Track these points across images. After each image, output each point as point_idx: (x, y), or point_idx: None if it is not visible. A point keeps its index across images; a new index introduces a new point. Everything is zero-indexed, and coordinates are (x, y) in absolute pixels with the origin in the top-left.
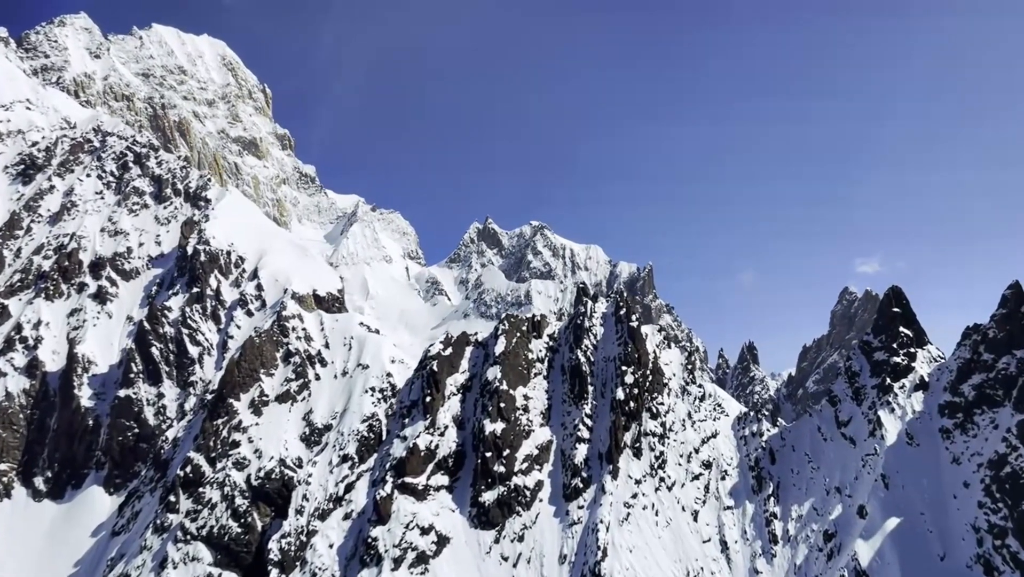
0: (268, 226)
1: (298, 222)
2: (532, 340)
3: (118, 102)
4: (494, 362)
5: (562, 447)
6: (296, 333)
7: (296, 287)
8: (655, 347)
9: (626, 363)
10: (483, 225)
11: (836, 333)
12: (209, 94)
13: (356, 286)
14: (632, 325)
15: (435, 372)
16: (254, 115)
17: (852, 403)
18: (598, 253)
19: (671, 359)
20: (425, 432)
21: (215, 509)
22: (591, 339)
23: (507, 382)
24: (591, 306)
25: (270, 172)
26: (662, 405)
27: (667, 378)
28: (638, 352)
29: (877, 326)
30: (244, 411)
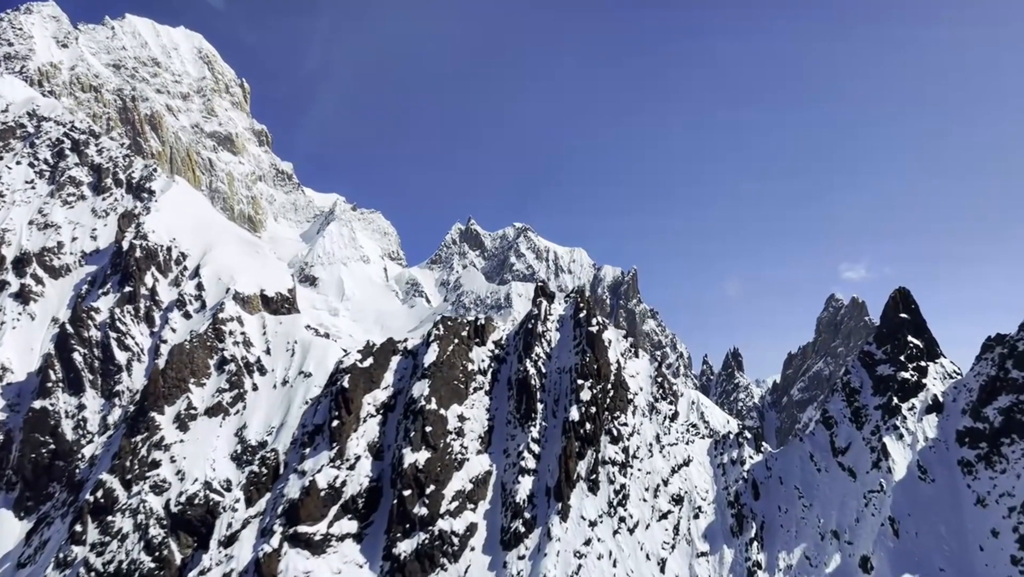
0: (217, 220)
1: (274, 220)
2: (473, 348)
3: (85, 93)
4: (422, 375)
5: (503, 480)
6: (233, 337)
7: (240, 286)
8: (619, 356)
9: (583, 375)
10: (465, 226)
11: (822, 340)
12: (184, 87)
13: (332, 287)
14: (591, 330)
15: (346, 389)
16: (231, 110)
17: (851, 426)
18: (582, 256)
19: (638, 369)
20: (329, 465)
21: (125, 541)
22: (544, 346)
23: (437, 399)
24: (546, 307)
25: (246, 168)
26: (625, 426)
27: (632, 393)
28: (598, 362)
29: (881, 334)
30: (168, 426)
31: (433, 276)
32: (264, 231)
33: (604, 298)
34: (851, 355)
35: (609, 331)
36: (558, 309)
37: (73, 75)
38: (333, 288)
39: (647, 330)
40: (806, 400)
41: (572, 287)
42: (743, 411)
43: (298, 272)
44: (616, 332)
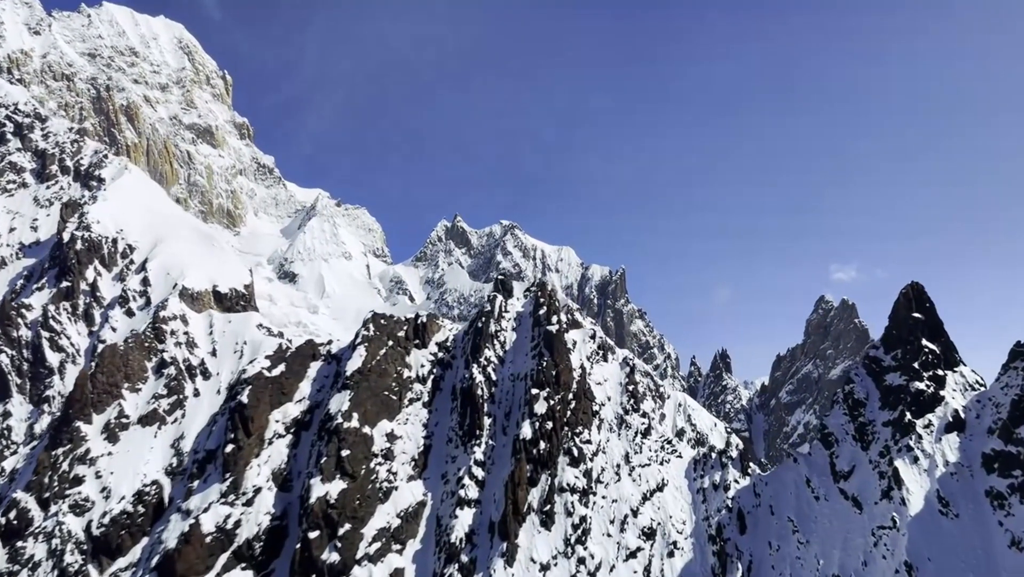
0: (172, 211)
1: (254, 215)
2: (412, 351)
3: (57, 82)
4: (343, 385)
5: (438, 513)
6: (175, 338)
7: (190, 282)
8: (584, 359)
9: (539, 383)
10: (452, 223)
11: (811, 343)
12: (162, 78)
13: (311, 284)
14: (549, 329)
15: (244, 406)
16: (211, 102)
17: (855, 445)
18: (570, 255)
19: (606, 375)
20: (220, 502)
21: (37, 570)
22: (496, 349)
23: (361, 415)
24: (501, 303)
25: (225, 162)
26: (588, 444)
27: (598, 404)
28: (557, 367)
29: (890, 337)
30: (95, 437)
31: (418, 274)
32: (244, 226)
33: (592, 298)
34: (841, 358)
35: (574, 331)
36: (516, 305)
37: (45, 63)
38: (313, 285)
39: (635, 331)
40: (795, 403)
41: (560, 287)
42: (731, 413)
43: (277, 268)
44: (583, 331)
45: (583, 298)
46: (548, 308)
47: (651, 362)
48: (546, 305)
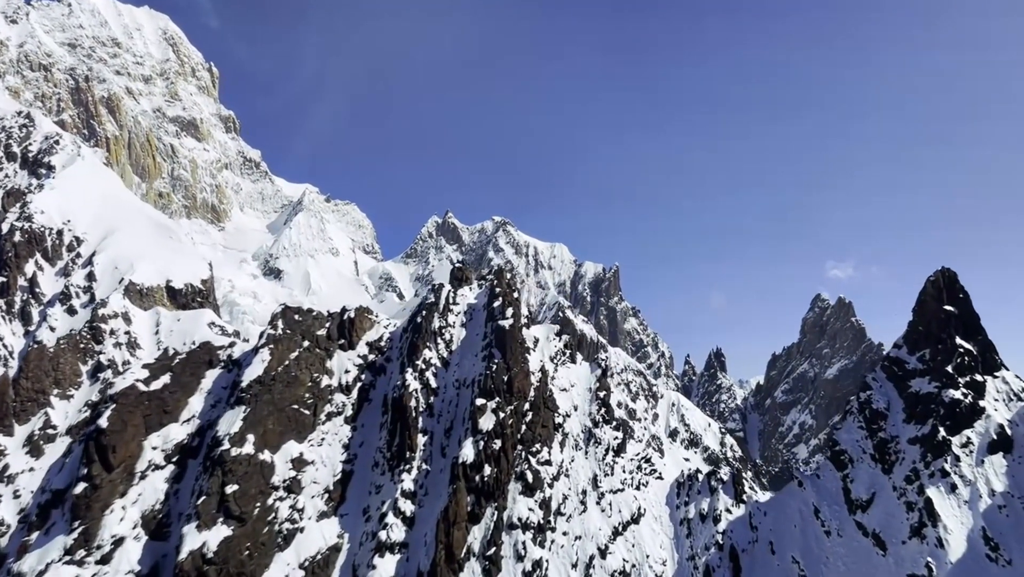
0: (127, 201)
1: (239, 210)
2: (335, 353)
3: (34, 72)
4: (237, 400)
5: (355, 560)
6: (115, 338)
7: (140, 276)
8: (546, 361)
9: (487, 392)
10: (443, 219)
11: (807, 341)
12: (146, 69)
13: (297, 280)
14: (502, 324)
15: (104, 432)
16: (196, 95)
17: (874, 467)
18: (563, 252)
19: (574, 380)
20: (63, 560)
21: None
22: (439, 349)
23: (257, 438)
24: (449, 294)
25: (210, 155)
26: (548, 466)
27: (562, 415)
28: (509, 371)
29: (915, 334)
30: (15, 452)
31: (408, 270)
32: (228, 221)
33: (585, 295)
34: (837, 357)
35: (538, 327)
36: (468, 297)
37: (21, 52)
38: (298, 281)
39: (628, 329)
40: (790, 402)
41: (552, 284)
42: (725, 413)
43: (262, 264)
44: (547, 328)
45: (576, 296)
46: (503, 299)
47: (645, 361)
48: (503, 296)
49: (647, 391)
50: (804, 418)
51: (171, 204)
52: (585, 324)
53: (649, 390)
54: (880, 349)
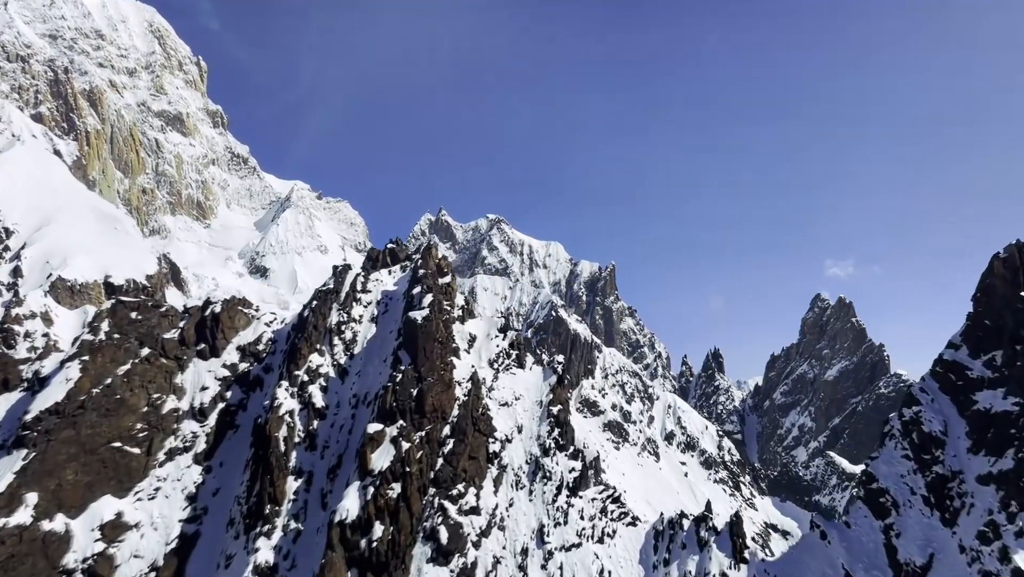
0: (69, 190)
1: (226, 207)
2: (193, 363)
3: (11, 63)
4: (16, 440)
5: None
6: (31, 341)
7: (73, 271)
8: (481, 366)
9: (386, 413)
10: (436, 217)
11: (807, 342)
12: (130, 62)
13: (283, 278)
14: (415, 317)
15: None
16: (183, 88)
17: (929, 517)
18: (558, 250)
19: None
20: None
21: None
22: (335, 354)
23: (44, 497)
24: (356, 278)
25: (196, 151)
26: (474, 516)
27: (499, 440)
28: (422, 383)
29: (980, 330)
30: None
31: None
32: (215, 218)
33: (580, 295)
34: (837, 358)
35: (474, 322)
36: (386, 282)
37: None
38: (285, 280)
39: (624, 329)
40: (789, 404)
41: (548, 283)
42: (723, 415)
43: (248, 262)
44: (487, 323)
45: (571, 295)
46: (428, 283)
47: (641, 361)
48: (426, 279)
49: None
50: (804, 420)
51: (155, 200)
52: (579, 324)
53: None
54: (881, 350)
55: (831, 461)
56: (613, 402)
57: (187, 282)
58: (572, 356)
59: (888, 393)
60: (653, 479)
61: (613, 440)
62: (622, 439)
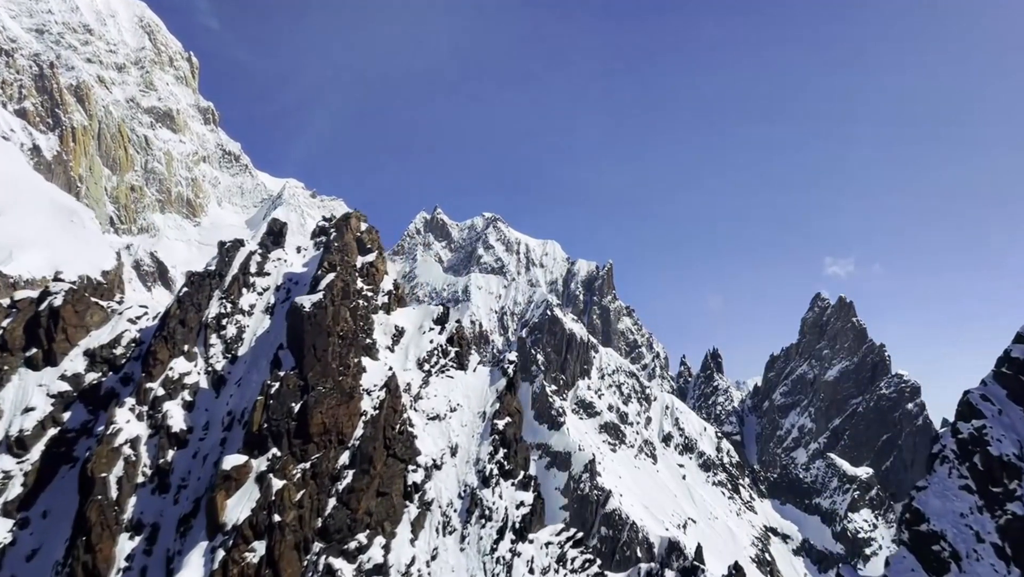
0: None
1: (217, 205)
2: (13, 375)
3: None
4: None
5: None
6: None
7: (17, 266)
8: (407, 368)
9: (255, 440)
10: (431, 215)
11: (806, 342)
12: (119, 58)
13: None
14: (302, 305)
15: None
16: (173, 85)
17: (1005, 572)
18: (555, 249)
19: (460, 399)
20: None
21: None
22: (210, 357)
23: None
24: (249, 258)
25: (187, 148)
26: (387, 572)
27: (422, 468)
28: (306, 395)
29: None
30: None
31: (395, 268)
32: (205, 216)
33: (577, 294)
34: (837, 359)
35: (403, 312)
36: (293, 263)
37: None
38: None
39: (622, 329)
40: (789, 405)
41: (544, 282)
42: (722, 416)
43: None
44: (421, 312)
45: (568, 294)
46: (328, 261)
47: (639, 362)
48: (331, 255)
49: (640, 393)
50: (803, 421)
51: (144, 198)
52: (575, 323)
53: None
54: (882, 350)
55: (832, 463)
56: (610, 403)
57: (174, 281)
58: (568, 356)
59: (889, 394)
60: (650, 482)
61: (609, 442)
62: (619, 441)
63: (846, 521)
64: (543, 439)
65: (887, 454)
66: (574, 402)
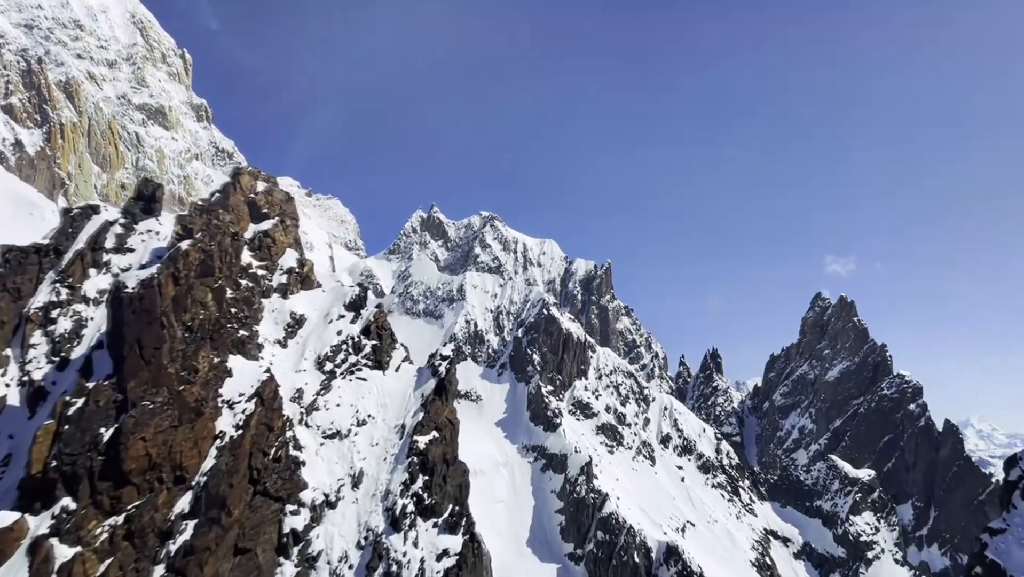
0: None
1: None
2: None
3: None
4: None
5: None
6: None
7: None
8: (300, 369)
9: (42, 486)
10: (428, 214)
11: (807, 342)
12: (110, 54)
13: None
14: (125, 285)
15: None
16: (166, 81)
17: None
18: (553, 248)
19: (374, 409)
20: None
21: None
22: (26, 367)
23: None
24: (104, 229)
25: (179, 145)
26: None
27: (308, 508)
28: (122, 414)
29: None
30: None
31: (391, 267)
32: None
33: (575, 294)
34: (838, 359)
35: (304, 295)
36: (147, 245)
37: None
38: None
39: (620, 328)
40: (789, 406)
41: (542, 282)
42: (721, 416)
43: None
44: (330, 294)
45: (566, 294)
46: (185, 225)
47: (638, 362)
48: (194, 220)
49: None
50: (804, 422)
51: None
52: (572, 322)
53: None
54: (883, 350)
55: (833, 464)
56: (607, 404)
57: None
58: (564, 356)
59: (891, 394)
60: (648, 484)
61: (607, 444)
62: (616, 442)
63: (848, 524)
64: (539, 441)
65: (888, 456)
66: (571, 403)
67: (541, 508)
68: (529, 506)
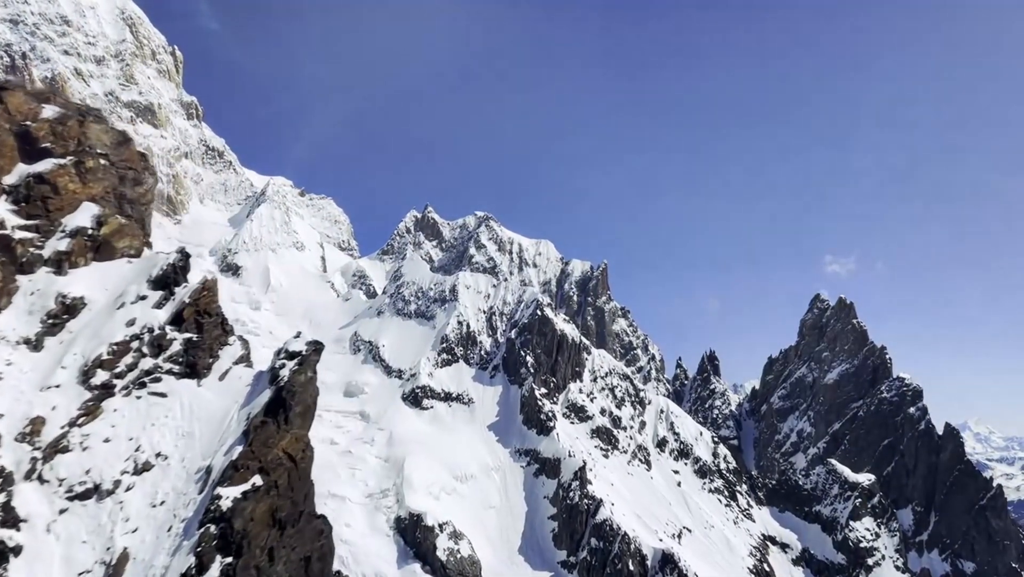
0: None
1: (199, 202)
2: None
3: None
4: None
5: None
6: None
7: None
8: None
9: None
10: (422, 214)
11: (805, 344)
12: (99, 50)
13: (256, 277)
14: None
15: None
16: (155, 79)
17: None
18: (549, 249)
19: (187, 431)
20: None
21: None
22: None
23: None
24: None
25: (168, 143)
26: None
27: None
28: None
29: None
30: None
31: (384, 268)
32: (186, 213)
33: (571, 295)
34: (837, 361)
35: (89, 271)
36: None
37: None
38: (258, 278)
39: (617, 330)
40: (787, 409)
41: (538, 283)
42: (719, 419)
43: (220, 260)
44: (140, 264)
45: (562, 295)
46: None
47: (634, 364)
48: None
49: (634, 397)
50: (802, 425)
51: None
52: (566, 324)
53: (636, 396)
54: (883, 352)
55: (832, 469)
56: (602, 407)
57: None
58: (559, 358)
59: (891, 397)
60: (644, 489)
61: (602, 447)
62: (611, 446)
63: (847, 530)
64: (531, 445)
65: (888, 459)
66: (565, 406)
67: (533, 514)
68: (521, 512)
